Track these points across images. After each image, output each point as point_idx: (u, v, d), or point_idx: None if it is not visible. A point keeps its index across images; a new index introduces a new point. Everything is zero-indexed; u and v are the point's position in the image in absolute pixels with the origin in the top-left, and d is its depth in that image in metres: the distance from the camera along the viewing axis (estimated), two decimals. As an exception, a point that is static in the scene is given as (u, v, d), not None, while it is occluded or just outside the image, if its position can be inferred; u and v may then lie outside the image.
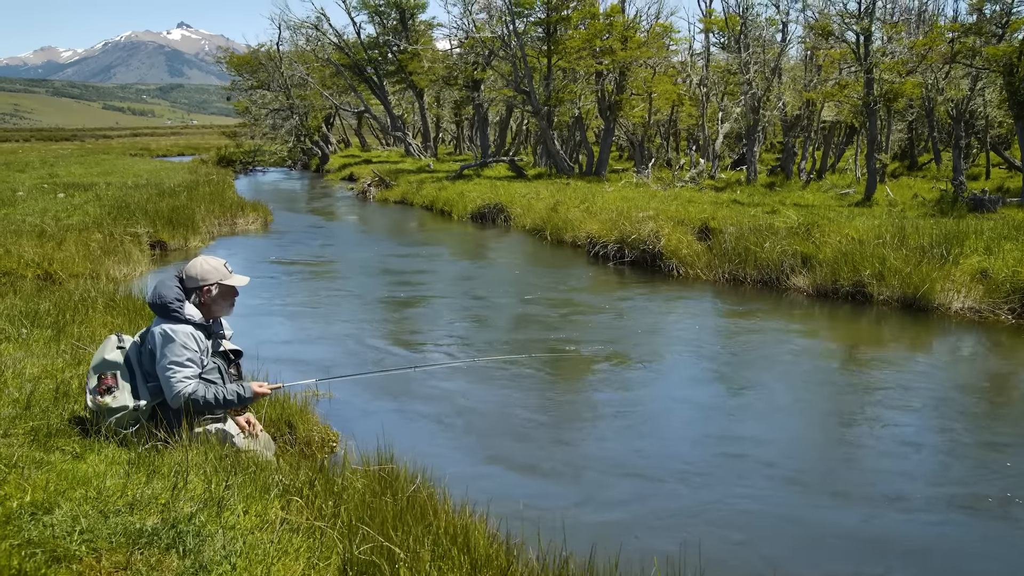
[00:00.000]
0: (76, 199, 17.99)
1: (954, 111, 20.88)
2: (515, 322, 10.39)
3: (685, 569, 3.57)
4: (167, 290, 4.62)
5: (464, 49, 34.27)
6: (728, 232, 13.15)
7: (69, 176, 25.52)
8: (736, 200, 18.47)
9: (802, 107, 24.78)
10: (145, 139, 78.97)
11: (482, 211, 21.03)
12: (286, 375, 6.41)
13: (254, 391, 4.66)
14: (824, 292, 11.42)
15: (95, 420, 4.55)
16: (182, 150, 58.64)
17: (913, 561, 4.54)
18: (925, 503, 5.27)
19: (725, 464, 5.80)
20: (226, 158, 43.91)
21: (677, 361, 8.62)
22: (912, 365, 8.51)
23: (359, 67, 41.56)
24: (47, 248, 11.62)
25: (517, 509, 4.62)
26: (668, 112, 32.09)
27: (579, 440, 6.26)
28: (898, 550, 4.62)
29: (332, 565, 3.37)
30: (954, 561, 4.60)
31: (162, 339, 4.50)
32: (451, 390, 7.55)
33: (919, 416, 6.91)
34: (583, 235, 15.78)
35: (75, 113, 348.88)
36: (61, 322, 7.21)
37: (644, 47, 26.17)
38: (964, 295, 10.41)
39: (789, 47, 27.87)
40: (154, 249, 14.75)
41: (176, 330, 4.51)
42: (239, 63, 49.58)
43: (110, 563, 3.21)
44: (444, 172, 29.43)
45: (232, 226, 18.93)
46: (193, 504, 3.72)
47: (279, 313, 10.68)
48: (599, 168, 26.72)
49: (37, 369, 5.66)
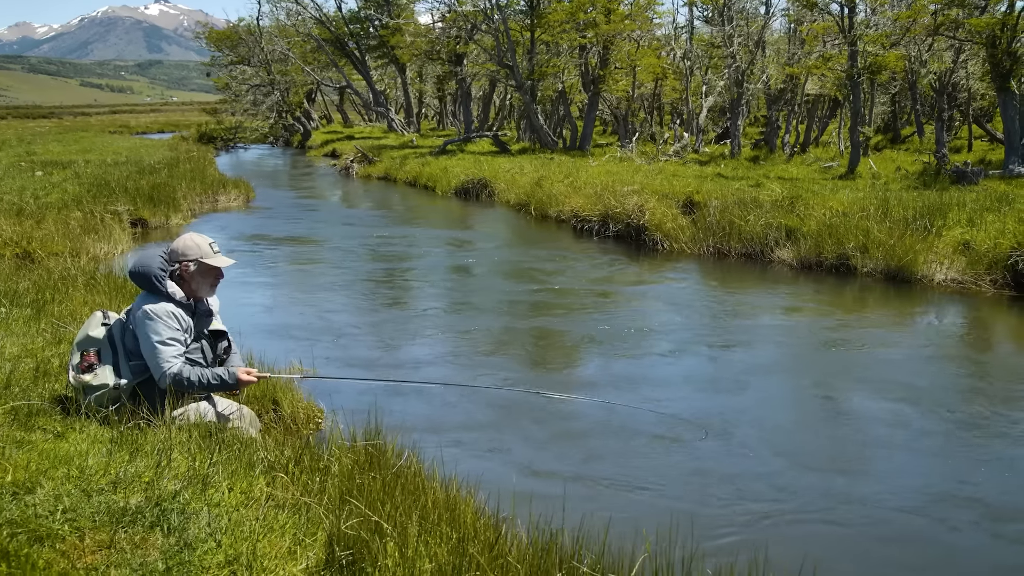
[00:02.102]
0: (55, 177, 17.76)
1: (937, 84, 20.91)
2: (499, 298, 10.36)
3: (675, 543, 3.57)
4: (151, 260, 4.52)
5: (446, 23, 33.96)
6: (712, 206, 13.14)
7: (47, 154, 25.18)
8: (720, 174, 18.46)
9: (786, 80, 24.75)
10: (124, 116, 77.96)
11: (466, 186, 20.93)
12: (268, 354, 6.38)
13: (238, 378, 4.51)
14: (808, 264, 11.45)
15: (76, 397, 4.50)
16: (162, 127, 57.92)
17: (893, 536, 4.58)
18: (905, 475, 5.32)
19: (711, 436, 5.82)
20: (207, 135, 43.38)
21: (661, 335, 8.62)
22: (896, 335, 8.55)
23: (341, 42, 41.15)
24: (25, 227, 11.45)
25: (507, 485, 4.62)
26: (652, 86, 31.98)
27: (569, 414, 6.25)
28: (877, 523, 4.66)
29: (319, 541, 3.35)
30: (935, 532, 4.64)
31: (144, 319, 4.41)
32: (440, 367, 7.53)
33: (903, 386, 6.94)
34: (567, 210, 15.73)
35: (52, 90, 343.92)
36: (41, 301, 7.11)
37: (628, 20, 26.03)
38: (947, 267, 10.47)
39: (773, 20, 27.81)
40: (135, 227, 14.58)
41: (156, 310, 4.42)
42: (219, 38, 48.93)
43: (93, 542, 3.18)
44: (427, 148, 29.24)
45: (214, 203, 18.72)
46: (177, 482, 3.69)
47: (260, 290, 10.61)
48: (583, 142, 26.62)
49: (17, 348, 5.59)
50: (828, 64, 21.29)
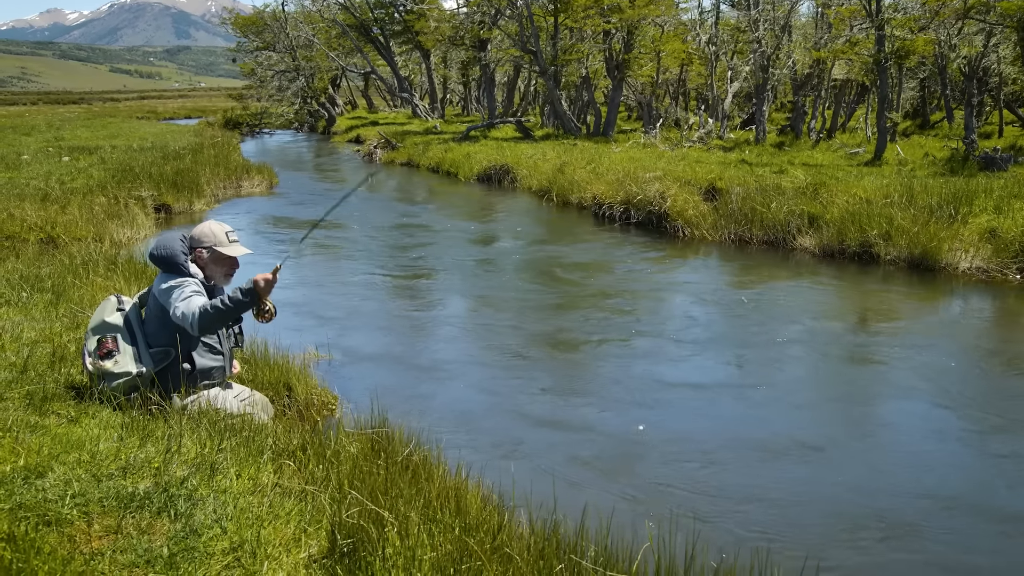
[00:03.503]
0: (81, 163, 17.95)
1: (967, 68, 20.53)
2: (522, 286, 10.35)
3: (676, 535, 3.55)
4: (173, 243, 4.56)
5: (470, 8, 33.83)
6: (734, 192, 13.02)
7: (75, 139, 25.45)
8: (744, 160, 18.28)
9: (812, 65, 24.42)
10: (152, 102, 78.68)
11: (488, 172, 20.90)
12: (284, 338, 6.42)
13: (255, 281, 4.29)
14: (830, 252, 11.32)
15: (91, 383, 4.53)
16: (189, 113, 58.39)
17: (915, 528, 4.52)
18: (933, 469, 5.25)
19: (725, 431, 5.78)
20: (233, 120, 43.65)
21: (679, 325, 8.57)
22: (919, 325, 8.43)
23: (365, 27, 41.15)
24: (50, 212, 11.60)
25: (515, 475, 4.61)
26: (677, 71, 31.70)
27: (583, 407, 6.24)
28: (899, 519, 4.60)
29: (323, 528, 3.37)
30: (963, 522, 4.58)
31: (168, 289, 4.41)
32: (455, 354, 7.54)
33: (927, 378, 6.85)
34: (589, 196, 15.67)
35: (82, 76, 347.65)
36: (61, 286, 7.20)
37: (652, 5, 25.75)
38: (972, 255, 10.31)
39: (800, 3, 27.40)
40: (159, 212, 14.73)
41: (179, 280, 4.45)
42: (244, 24, 49.09)
43: (101, 527, 3.22)
44: (451, 134, 29.22)
45: (237, 189, 18.87)
46: (186, 468, 3.72)
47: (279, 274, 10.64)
48: (607, 128, 26.47)
49: (35, 333, 5.66)
50: (855, 49, 20.98)
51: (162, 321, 4.48)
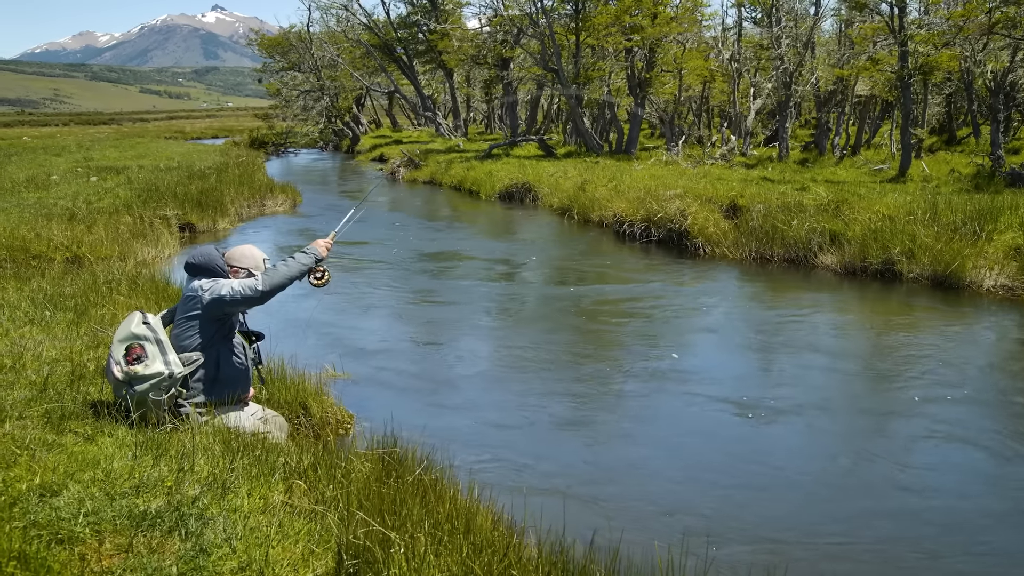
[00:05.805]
0: (108, 183, 18.19)
1: (993, 83, 20.34)
2: (542, 306, 10.35)
3: (687, 560, 3.52)
4: (212, 252, 4.83)
5: (493, 27, 34.04)
6: (756, 210, 12.96)
7: (103, 160, 25.81)
8: (766, 177, 18.20)
9: (836, 82, 24.31)
10: (180, 122, 79.76)
11: (510, 191, 20.95)
12: (301, 356, 6.45)
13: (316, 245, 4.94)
14: (852, 270, 11.23)
15: (115, 394, 4.54)
16: (216, 132, 59.09)
17: (941, 545, 4.46)
18: (960, 490, 5.17)
19: (741, 453, 5.73)
20: (258, 140, 44.15)
21: (698, 345, 8.53)
22: (944, 343, 8.32)
23: (389, 47, 41.52)
24: (77, 231, 11.76)
25: (526, 496, 4.60)
26: (699, 89, 31.67)
27: (598, 429, 6.22)
28: (929, 534, 4.53)
29: (330, 550, 3.37)
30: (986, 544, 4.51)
31: (212, 286, 4.62)
32: (472, 373, 7.54)
33: (951, 397, 6.76)
34: (610, 214, 15.66)
35: (113, 97, 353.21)
36: (83, 305, 7.29)
37: (674, 23, 25.81)
38: (997, 272, 10.18)
39: (823, 20, 27.34)
40: (183, 231, 14.88)
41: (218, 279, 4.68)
42: (270, 45, 49.72)
43: (112, 545, 3.25)
44: (473, 152, 29.35)
45: (261, 208, 19.05)
46: (198, 486, 3.75)
47: (300, 290, 10.72)
48: (629, 146, 26.47)
49: (56, 352, 5.74)
50: (878, 66, 20.86)
51: (192, 323, 4.62)
